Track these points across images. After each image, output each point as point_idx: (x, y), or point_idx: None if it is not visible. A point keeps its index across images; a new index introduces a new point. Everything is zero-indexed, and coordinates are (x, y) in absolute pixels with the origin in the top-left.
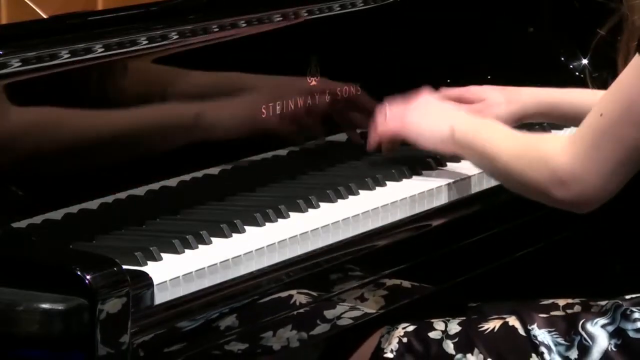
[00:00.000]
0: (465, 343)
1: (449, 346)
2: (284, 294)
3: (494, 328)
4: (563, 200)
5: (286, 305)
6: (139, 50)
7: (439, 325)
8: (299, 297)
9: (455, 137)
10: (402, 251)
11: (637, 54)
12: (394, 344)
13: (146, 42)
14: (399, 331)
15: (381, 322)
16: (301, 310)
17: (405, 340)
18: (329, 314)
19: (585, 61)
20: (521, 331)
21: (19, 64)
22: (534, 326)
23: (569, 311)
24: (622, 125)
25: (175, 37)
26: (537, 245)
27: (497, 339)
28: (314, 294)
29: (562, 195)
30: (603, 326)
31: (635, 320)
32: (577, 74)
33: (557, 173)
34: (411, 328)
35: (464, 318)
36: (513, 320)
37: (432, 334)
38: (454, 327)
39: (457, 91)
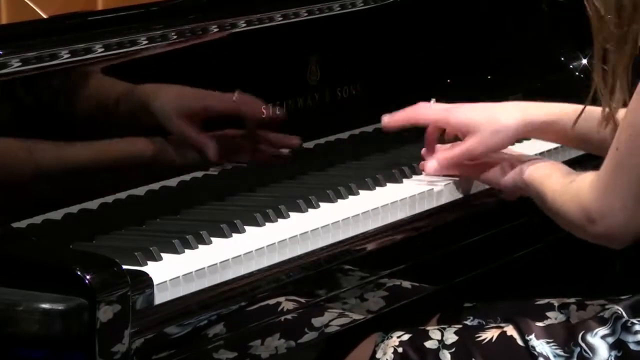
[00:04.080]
0: (462, 353)
1: (446, 356)
2: (284, 294)
3: (491, 338)
4: (596, 236)
5: (284, 306)
6: (139, 50)
7: (434, 334)
8: (299, 297)
9: (523, 179)
10: (402, 251)
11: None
12: (389, 354)
13: (146, 42)
14: (394, 340)
15: (377, 325)
16: (300, 311)
17: (400, 350)
18: (323, 319)
19: (585, 61)
20: (519, 341)
21: (19, 64)
22: (532, 336)
23: (563, 311)
24: (633, 155)
25: (175, 37)
26: (537, 245)
27: (495, 349)
28: (313, 294)
29: (594, 231)
30: (603, 337)
31: (637, 332)
32: (577, 74)
33: (587, 209)
34: (406, 337)
35: (460, 326)
36: (511, 330)
37: (428, 344)
38: (451, 337)
39: (440, 112)
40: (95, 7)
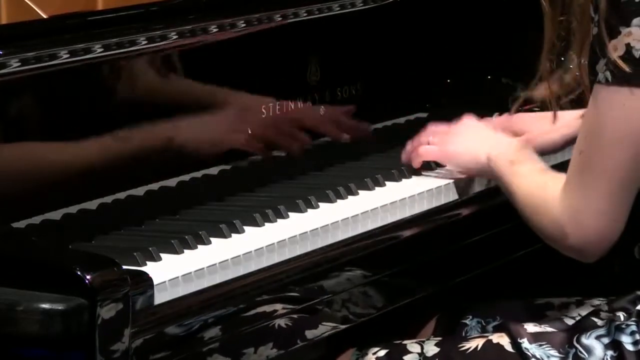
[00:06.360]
0: None
1: None
2: (283, 295)
3: (476, 347)
4: (569, 248)
5: (282, 309)
6: (138, 50)
7: (413, 347)
8: (298, 297)
9: (490, 166)
10: (401, 252)
11: (595, 84)
12: None
13: (146, 42)
14: (369, 357)
15: (375, 327)
16: (300, 312)
17: None
18: (316, 332)
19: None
20: (508, 347)
21: (19, 64)
22: (524, 340)
23: (563, 310)
24: (599, 157)
25: (174, 37)
26: (536, 245)
27: (481, 357)
28: (313, 294)
29: (567, 243)
30: (598, 338)
31: (632, 333)
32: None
33: (558, 221)
34: (383, 353)
35: (441, 338)
36: (497, 338)
37: (408, 357)
38: (432, 349)
39: (502, 120)
40: (95, 7)
